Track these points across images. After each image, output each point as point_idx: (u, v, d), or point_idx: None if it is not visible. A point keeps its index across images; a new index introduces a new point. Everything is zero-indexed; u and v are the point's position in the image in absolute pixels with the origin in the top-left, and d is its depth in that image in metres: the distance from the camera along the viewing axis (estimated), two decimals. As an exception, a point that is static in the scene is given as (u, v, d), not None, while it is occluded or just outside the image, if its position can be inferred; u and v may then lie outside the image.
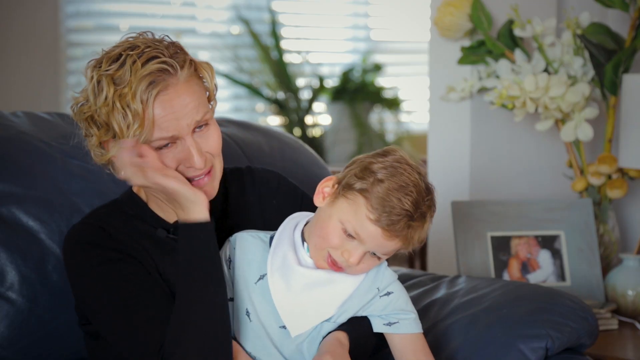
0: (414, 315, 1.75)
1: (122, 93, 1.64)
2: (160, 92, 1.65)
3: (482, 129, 2.92)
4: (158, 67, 1.65)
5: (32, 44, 4.55)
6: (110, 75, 1.65)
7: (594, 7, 2.93)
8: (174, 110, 1.66)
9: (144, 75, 1.64)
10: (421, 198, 1.63)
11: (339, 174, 1.68)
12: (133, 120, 1.63)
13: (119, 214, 1.78)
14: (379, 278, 1.72)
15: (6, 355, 1.87)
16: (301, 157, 2.35)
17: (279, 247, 1.70)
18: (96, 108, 1.66)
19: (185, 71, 1.68)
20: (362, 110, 5.79)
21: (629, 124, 2.61)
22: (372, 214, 1.61)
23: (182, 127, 1.67)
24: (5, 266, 1.88)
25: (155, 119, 1.65)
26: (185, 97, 1.67)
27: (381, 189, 1.61)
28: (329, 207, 1.66)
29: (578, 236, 2.66)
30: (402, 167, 1.64)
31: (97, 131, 1.69)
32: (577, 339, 1.98)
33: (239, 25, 5.48)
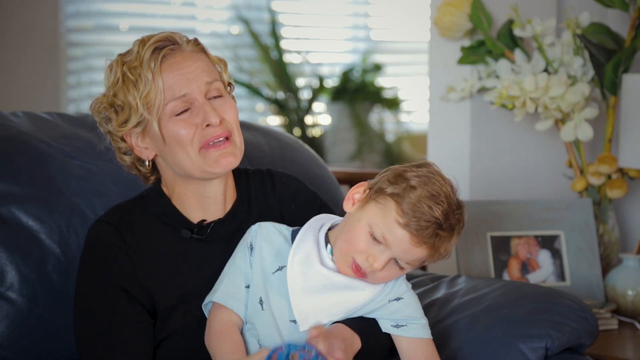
0: (424, 321, 1.75)
1: (131, 66, 1.70)
2: (166, 56, 1.71)
3: (482, 129, 2.92)
4: (164, 36, 1.72)
5: (32, 44, 4.55)
6: (122, 60, 1.73)
7: (594, 7, 2.93)
8: (183, 72, 1.71)
9: (150, 44, 1.71)
10: (451, 210, 1.64)
11: (371, 180, 1.70)
12: (144, 86, 1.69)
13: (142, 212, 1.80)
14: (394, 290, 1.73)
15: (6, 355, 1.87)
16: (301, 157, 2.35)
17: (303, 242, 1.70)
18: (111, 91, 1.72)
19: (191, 45, 1.75)
20: (362, 110, 5.79)
21: (629, 124, 2.61)
22: (402, 218, 1.62)
23: (193, 87, 1.71)
24: (5, 266, 1.88)
25: (165, 82, 1.69)
26: (193, 61, 1.73)
27: (413, 194, 1.62)
28: (358, 212, 1.67)
29: (578, 236, 2.66)
30: (435, 177, 1.66)
31: (115, 115, 1.74)
32: (577, 339, 1.98)
33: (239, 25, 5.48)
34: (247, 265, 1.72)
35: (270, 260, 1.71)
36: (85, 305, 1.74)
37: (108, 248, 1.74)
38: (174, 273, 1.76)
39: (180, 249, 1.78)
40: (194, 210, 1.80)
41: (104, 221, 1.78)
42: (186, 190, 1.79)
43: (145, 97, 1.69)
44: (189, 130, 1.71)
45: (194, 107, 1.72)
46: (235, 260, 1.73)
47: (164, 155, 1.77)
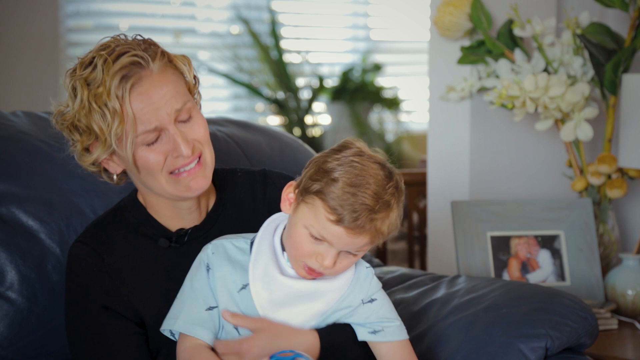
0: (399, 322, 1.72)
1: (97, 93, 1.63)
2: (134, 85, 1.64)
3: (482, 129, 2.92)
4: (129, 61, 1.64)
5: (32, 43, 4.55)
6: (84, 79, 1.65)
7: (593, 7, 2.93)
8: (152, 101, 1.65)
9: (116, 71, 1.63)
10: (381, 188, 1.58)
11: (298, 178, 1.64)
12: (112, 118, 1.63)
13: (119, 225, 1.78)
14: (364, 288, 1.70)
15: (6, 355, 1.87)
16: (301, 157, 2.35)
17: (259, 255, 1.67)
18: (75, 113, 1.66)
19: (157, 62, 1.67)
20: (362, 110, 5.79)
21: (629, 124, 2.61)
22: (332, 215, 1.56)
23: (163, 117, 1.66)
24: (5, 266, 1.88)
25: (135, 113, 1.64)
26: (162, 87, 1.66)
27: (336, 187, 1.56)
28: (294, 215, 1.62)
29: (578, 236, 2.66)
30: (356, 159, 1.59)
31: (79, 137, 1.69)
32: (577, 339, 1.98)
33: (239, 25, 5.48)
34: (206, 287, 1.67)
35: (233, 280, 1.67)
36: (75, 328, 1.74)
37: (87, 270, 1.74)
38: (156, 285, 1.75)
39: (160, 259, 1.76)
40: (171, 219, 1.79)
41: (81, 242, 1.77)
42: (159, 202, 1.78)
43: (114, 129, 1.64)
44: (159, 158, 1.68)
45: (164, 135, 1.68)
46: (192, 283, 1.69)
47: (132, 174, 1.75)
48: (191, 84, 1.75)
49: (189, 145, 1.69)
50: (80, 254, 1.76)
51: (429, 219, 3.05)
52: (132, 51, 1.66)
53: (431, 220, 3.04)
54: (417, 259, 3.67)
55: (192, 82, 1.75)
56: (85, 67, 1.67)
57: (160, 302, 1.74)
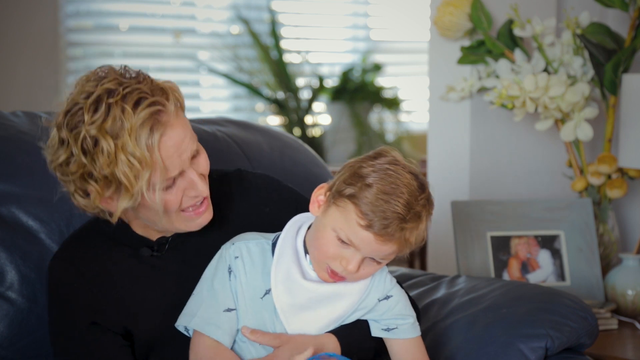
0: (413, 319, 1.73)
1: (124, 143, 1.58)
2: (162, 135, 1.60)
3: (482, 129, 2.92)
4: (152, 111, 1.59)
5: (32, 43, 4.56)
6: (101, 127, 1.58)
7: (593, 7, 2.93)
8: (178, 149, 1.63)
9: (143, 122, 1.58)
10: (414, 198, 1.58)
11: (330, 181, 1.64)
12: (142, 168, 1.58)
13: (97, 237, 1.76)
14: (380, 287, 1.70)
15: (6, 355, 1.87)
16: (301, 157, 2.35)
17: (281, 259, 1.66)
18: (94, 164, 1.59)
19: (171, 104, 1.63)
20: (362, 110, 5.79)
21: (629, 124, 2.61)
22: (363, 220, 1.56)
23: (185, 162, 1.65)
24: (5, 266, 1.88)
25: (164, 161, 1.61)
26: (181, 131, 1.64)
27: (369, 193, 1.56)
28: (323, 217, 1.62)
29: (578, 236, 2.66)
30: (392, 168, 1.59)
31: (96, 185, 1.62)
32: (577, 339, 1.98)
33: (239, 25, 5.48)
34: (227, 289, 1.66)
35: (257, 286, 1.66)
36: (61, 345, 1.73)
37: (68, 287, 1.72)
38: (139, 294, 1.74)
39: (142, 268, 1.75)
40: (149, 230, 1.76)
41: (59, 258, 1.76)
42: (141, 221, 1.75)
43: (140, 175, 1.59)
44: (177, 198, 1.66)
45: (182, 177, 1.66)
46: (213, 283, 1.67)
47: (139, 214, 1.71)
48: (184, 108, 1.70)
49: (205, 184, 1.68)
50: (60, 270, 1.74)
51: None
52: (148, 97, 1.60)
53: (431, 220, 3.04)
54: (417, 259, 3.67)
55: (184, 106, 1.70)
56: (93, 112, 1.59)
57: (144, 312, 1.72)
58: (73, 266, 1.73)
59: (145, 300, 1.73)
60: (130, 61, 5.49)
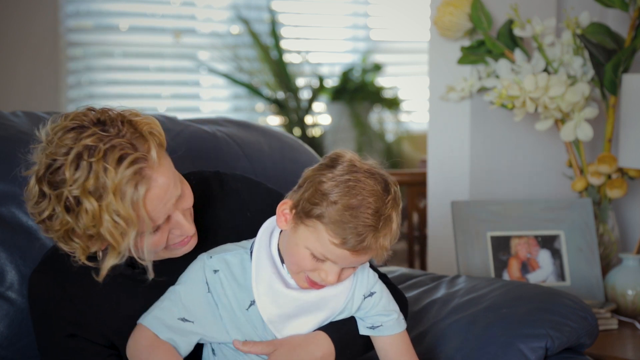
0: (396, 314, 1.72)
1: (108, 203, 1.54)
2: (147, 191, 1.57)
3: (482, 129, 2.92)
4: (136, 169, 1.55)
5: (32, 43, 4.55)
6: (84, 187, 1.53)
7: (593, 7, 2.93)
8: (162, 199, 1.59)
9: (127, 181, 1.54)
10: (381, 204, 1.55)
11: (293, 196, 1.60)
12: (127, 226, 1.55)
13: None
14: (364, 284, 1.69)
15: (6, 355, 1.87)
16: (301, 157, 2.35)
17: (260, 269, 1.64)
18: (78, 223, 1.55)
19: (153, 152, 1.58)
20: (362, 110, 5.79)
21: (629, 124, 2.61)
22: (336, 239, 1.54)
23: (169, 208, 1.61)
24: (5, 266, 1.88)
25: (149, 214, 1.58)
26: (165, 180, 1.59)
27: (336, 211, 1.53)
28: (293, 235, 1.59)
29: (578, 236, 2.66)
30: (352, 178, 1.55)
31: (80, 242, 1.59)
32: (577, 339, 1.98)
33: (239, 25, 5.48)
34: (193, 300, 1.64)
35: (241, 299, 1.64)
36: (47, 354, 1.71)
37: (49, 302, 1.69)
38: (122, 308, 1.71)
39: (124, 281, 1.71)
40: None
41: (40, 272, 1.72)
42: None
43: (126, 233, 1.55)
44: (163, 239, 1.64)
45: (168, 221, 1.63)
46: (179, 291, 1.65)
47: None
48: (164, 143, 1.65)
49: (192, 225, 1.66)
50: (41, 285, 1.71)
51: (429, 219, 3.05)
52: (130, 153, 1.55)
53: (431, 220, 3.04)
54: (417, 259, 3.67)
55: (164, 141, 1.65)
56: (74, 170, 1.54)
57: (128, 324, 1.69)
58: (54, 280, 1.69)
59: (128, 312, 1.70)
60: (131, 61, 5.51)
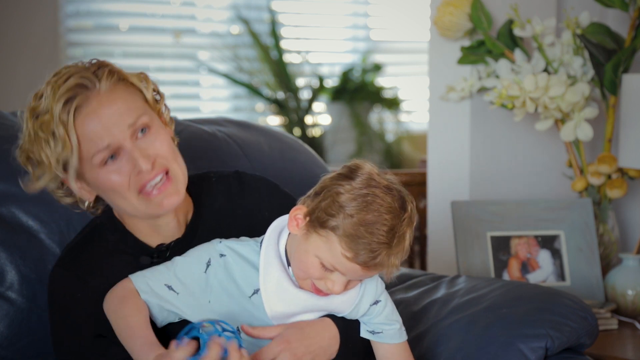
0: (398, 325, 1.72)
1: (43, 121, 1.60)
2: (79, 107, 1.60)
3: (482, 129, 2.92)
4: (74, 83, 1.60)
5: (32, 43, 4.55)
6: (32, 109, 1.62)
7: (593, 7, 2.93)
8: (101, 120, 1.61)
9: (60, 95, 1.60)
10: (397, 221, 1.54)
11: (309, 204, 1.58)
12: (58, 145, 1.59)
13: (98, 245, 1.74)
14: (372, 292, 1.69)
15: (6, 355, 1.87)
16: (301, 157, 2.35)
17: (268, 266, 1.64)
18: (26, 145, 1.64)
19: (105, 82, 1.62)
20: (362, 110, 5.79)
21: (629, 124, 2.61)
22: (349, 253, 1.53)
23: (115, 134, 1.62)
24: (5, 266, 1.88)
25: (83, 135, 1.59)
26: (110, 105, 1.62)
27: (352, 225, 1.52)
28: (304, 242, 1.58)
29: (578, 236, 2.66)
30: (370, 192, 1.54)
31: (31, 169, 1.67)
32: (577, 339, 1.98)
33: (239, 25, 5.48)
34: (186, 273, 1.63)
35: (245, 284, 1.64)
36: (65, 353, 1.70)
37: (70, 297, 1.69)
38: None
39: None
40: (149, 236, 1.74)
41: (61, 267, 1.73)
42: (134, 220, 1.74)
43: (58, 156, 1.60)
44: (122, 178, 1.64)
45: (122, 153, 1.64)
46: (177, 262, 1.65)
47: (104, 198, 1.71)
48: (151, 99, 1.69)
49: (148, 161, 1.64)
50: (63, 280, 1.71)
51: (429, 219, 3.05)
52: (79, 73, 1.62)
53: (431, 220, 3.04)
54: (417, 259, 3.67)
55: (152, 98, 1.69)
56: (38, 98, 1.64)
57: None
58: (75, 276, 1.70)
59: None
60: (130, 61, 5.51)
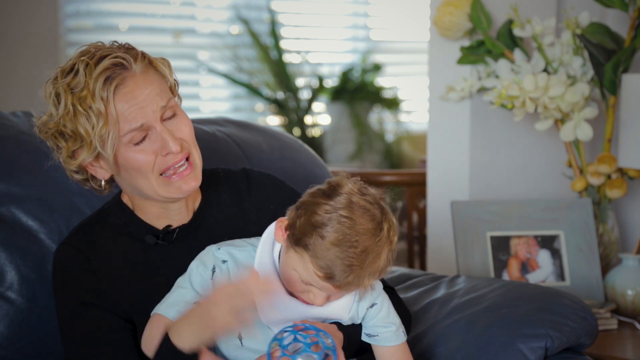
0: (395, 327, 1.72)
1: (81, 96, 1.65)
2: (118, 86, 1.66)
3: (482, 129, 2.92)
4: (112, 62, 1.66)
5: (32, 43, 4.56)
6: (67, 84, 1.67)
7: (593, 7, 2.93)
8: (137, 101, 1.67)
9: (99, 73, 1.65)
10: (372, 242, 1.55)
11: (290, 216, 1.60)
12: (97, 120, 1.64)
13: (104, 227, 1.78)
14: (367, 296, 1.70)
15: (6, 355, 1.87)
16: (301, 157, 2.35)
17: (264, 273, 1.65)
18: (59, 119, 1.68)
19: (139, 63, 1.69)
20: (362, 110, 5.80)
21: (629, 124, 2.61)
22: (320, 272, 1.55)
23: (149, 115, 1.67)
24: (5, 266, 1.88)
25: (119, 113, 1.65)
26: (146, 86, 1.68)
27: (324, 246, 1.54)
28: (286, 254, 1.61)
29: (578, 236, 2.66)
30: (346, 214, 1.55)
31: (65, 143, 1.70)
32: (577, 339, 1.98)
33: (239, 25, 5.49)
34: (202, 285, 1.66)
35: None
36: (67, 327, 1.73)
37: (74, 272, 1.73)
38: (144, 284, 1.74)
39: (147, 258, 1.76)
40: (157, 219, 1.78)
41: (68, 244, 1.77)
42: (146, 203, 1.78)
43: (99, 131, 1.65)
44: (149, 158, 1.69)
45: (151, 134, 1.69)
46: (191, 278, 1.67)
47: (121, 178, 1.75)
48: (172, 85, 1.76)
49: (177, 142, 1.70)
50: (67, 255, 1.75)
51: (429, 219, 3.05)
52: (114, 54, 1.68)
53: (431, 220, 3.04)
54: (417, 259, 3.67)
55: (173, 84, 1.76)
56: (67, 73, 1.69)
57: (148, 302, 1.72)
58: (80, 252, 1.74)
59: (149, 290, 1.73)
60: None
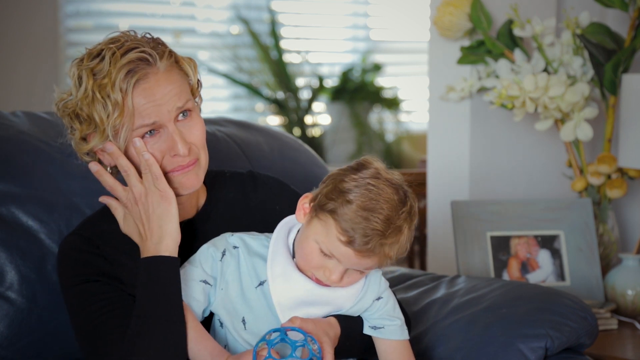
0: (400, 322, 1.74)
1: (102, 83, 1.65)
2: (139, 81, 1.66)
3: (482, 129, 2.92)
4: (137, 56, 1.66)
5: (32, 43, 4.56)
6: (90, 69, 1.67)
7: (593, 7, 2.93)
8: (155, 98, 1.67)
9: (123, 65, 1.65)
10: (394, 213, 1.59)
11: (314, 190, 1.65)
12: (113, 109, 1.65)
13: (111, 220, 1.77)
14: (375, 289, 1.72)
15: (6, 355, 1.87)
16: (301, 157, 2.35)
17: (276, 255, 1.68)
18: (77, 101, 1.68)
19: (164, 61, 1.69)
20: (362, 110, 5.80)
21: (629, 124, 2.61)
22: (343, 236, 1.58)
23: (163, 114, 1.67)
24: (5, 266, 1.88)
25: (135, 107, 1.65)
26: (166, 85, 1.68)
27: (349, 210, 1.57)
28: (307, 228, 1.64)
29: (578, 236, 2.66)
30: (373, 182, 1.59)
31: (79, 125, 1.71)
32: (577, 339, 1.98)
33: (239, 25, 5.49)
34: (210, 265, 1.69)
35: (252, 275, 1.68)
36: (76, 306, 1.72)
37: (82, 254, 1.73)
38: None
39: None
40: None
41: (77, 234, 1.77)
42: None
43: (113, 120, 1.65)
44: (157, 156, 1.69)
45: (162, 133, 1.69)
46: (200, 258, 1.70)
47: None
48: (195, 86, 1.76)
49: (186, 145, 1.70)
50: (74, 242, 1.75)
51: (429, 219, 3.05)
52: (141, 47, 1.68)
53: (431, 220, 3.04)
54: (417, 259, 3.67)
55: (195, 85, 1.76)
56: (93, 58, 1.68)
57: None
58: (88, 240, 1.75)
59: None
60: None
